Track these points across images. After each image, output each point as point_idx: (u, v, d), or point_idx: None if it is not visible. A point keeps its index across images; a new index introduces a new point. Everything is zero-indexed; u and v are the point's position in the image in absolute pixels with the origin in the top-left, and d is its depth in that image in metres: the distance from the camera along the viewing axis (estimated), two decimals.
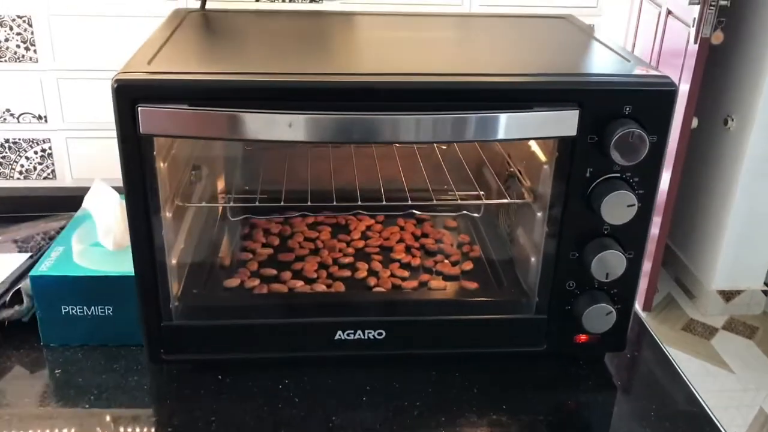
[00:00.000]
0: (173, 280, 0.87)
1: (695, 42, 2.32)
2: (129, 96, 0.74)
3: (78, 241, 0.99)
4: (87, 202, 1.04)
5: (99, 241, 0.98)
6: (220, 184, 1.16)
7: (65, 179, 1.23)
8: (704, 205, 2.82)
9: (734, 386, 2.42)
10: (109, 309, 0.92)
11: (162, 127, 0.75)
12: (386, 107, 0.75)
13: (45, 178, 1.22)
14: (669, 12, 2.57)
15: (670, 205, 2.56)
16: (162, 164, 0.82)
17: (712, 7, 2.24)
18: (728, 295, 2.79)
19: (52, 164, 1.21)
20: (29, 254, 1.05)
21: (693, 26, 2.31)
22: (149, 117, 0.74)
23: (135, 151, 0.76)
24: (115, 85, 0.74)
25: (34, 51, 1.13)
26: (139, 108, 0.74)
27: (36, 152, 1.19)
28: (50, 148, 1.19)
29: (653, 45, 2.70)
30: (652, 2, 2.73)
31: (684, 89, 2.38)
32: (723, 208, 2.69)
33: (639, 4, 2.86)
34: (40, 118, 1.17)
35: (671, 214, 2.61)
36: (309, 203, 0.93)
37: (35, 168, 1.20)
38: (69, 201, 1.13)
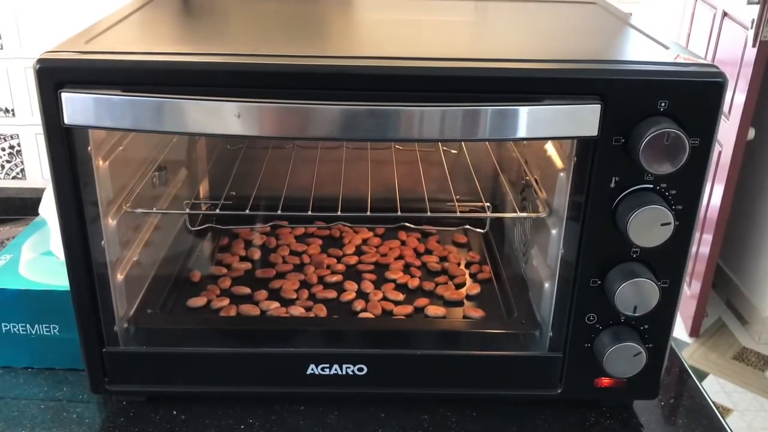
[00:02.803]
0: (120, 298, 0.75)
1: (753, 45, 2.16)
2: (52, 79, 0.62)
3: (30, 249, 0.88)
4: (43, 206, 0.92)
5: (51, 250, 0.87)
6: (203, 189, 1.04)
7: (36, 180, 1.13)
8: (760, 223, 2.65)
9: None
10: (54, 328, 0.82)
11: (90, 117, 0.62)
12: (363, 97, 0.61)
13: (14, 177, 1.12)
14: (725, 14, 2.39)
15: (722, 223, 2.40)
16: (102, 162, 0.70)
17: None
18: None
19: (21, 163, 1.10)
20: None
21: (751, 28, 2.15)
22: (75, 104, 0.62)
23: (63, 147, 0.64)
24: (37, 67, 0.62)
25: None
26: (63, 94, 0.61)
27: (3, 149, 1.08)
28: (19, 145, 1.09)
29: (707, 50, 2.53)
30: (706, 3, 2.54)
31: (740, 97, 2.21)
32: None
33: (692, 7, 2.68)
34: (6, 111, 1.07)
35: (723, 231, 2.44)
36: (279, 212, 0.79)
37: (3, 167, 1.10)
38: (40, 203, 1.02)
